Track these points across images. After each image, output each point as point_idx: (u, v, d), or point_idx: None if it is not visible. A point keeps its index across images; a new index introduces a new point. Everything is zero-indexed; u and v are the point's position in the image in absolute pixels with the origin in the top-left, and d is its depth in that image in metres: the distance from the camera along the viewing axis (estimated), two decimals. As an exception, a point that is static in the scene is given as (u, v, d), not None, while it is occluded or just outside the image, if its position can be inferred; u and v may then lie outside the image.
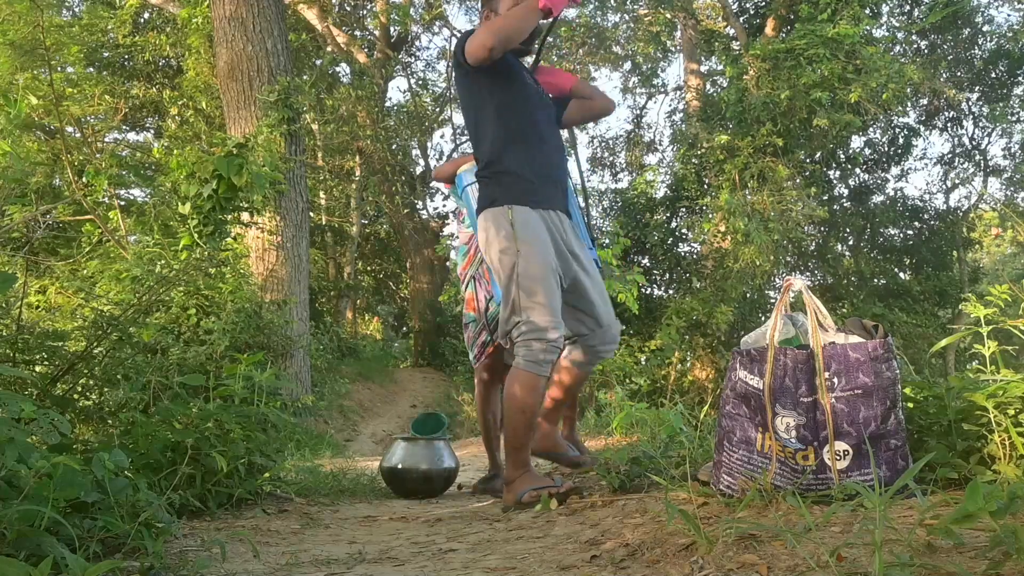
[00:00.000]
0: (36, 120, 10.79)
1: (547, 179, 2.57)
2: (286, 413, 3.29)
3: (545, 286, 2.41)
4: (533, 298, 2.40)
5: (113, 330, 2.78)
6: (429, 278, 15.47)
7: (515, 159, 2.52)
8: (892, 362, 1.77)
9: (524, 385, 2.40)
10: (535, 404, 2.42)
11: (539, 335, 2.39)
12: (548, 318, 2.39)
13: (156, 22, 13.82)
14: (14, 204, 5.58)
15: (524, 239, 2.44)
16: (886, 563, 1.13)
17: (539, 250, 2.44)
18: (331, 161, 15.68)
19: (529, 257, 2.42)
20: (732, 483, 1.85)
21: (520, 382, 2.40)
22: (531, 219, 2.47)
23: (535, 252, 2.43)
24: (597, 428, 6.02)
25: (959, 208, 15.76)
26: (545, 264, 2.43)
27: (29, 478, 1.43)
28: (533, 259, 2.42)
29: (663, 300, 12.36)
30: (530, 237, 2.44)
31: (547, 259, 2.45)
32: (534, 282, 2.40)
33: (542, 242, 2.46)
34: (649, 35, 14.66)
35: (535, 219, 2.48)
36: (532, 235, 2.45)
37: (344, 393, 10.94)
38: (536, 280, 2.40)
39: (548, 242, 2.48)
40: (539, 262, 2.42)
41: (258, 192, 6.44)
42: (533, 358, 2.39)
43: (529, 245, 2.43)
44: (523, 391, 2.40)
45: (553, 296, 2.42)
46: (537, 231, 2.47)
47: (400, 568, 1.75)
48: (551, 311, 2.40)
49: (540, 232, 2.47)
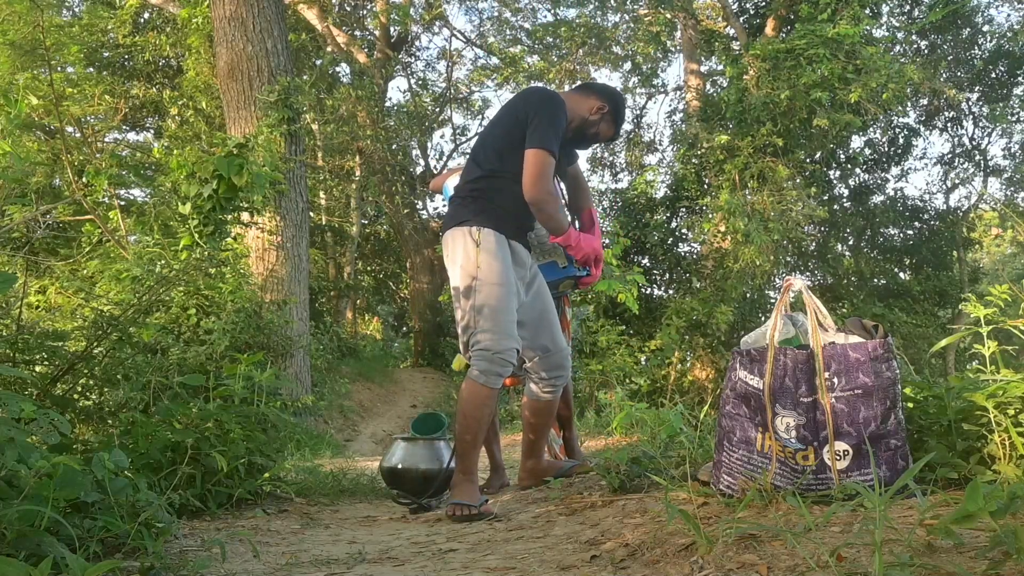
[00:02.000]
0: (36, 120, 10.79)
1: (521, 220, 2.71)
2: (286, 413, 3.29)
3: (501, 303, 2.53)
4: (489, 314, 2.52)
5: (113, 330, 2.78)
6: (429, 278, 15.46)
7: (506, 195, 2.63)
8: (892, 362, 1.77)
9: (474, 396, 2.54)
10: (483, 416, 2.56)
11: (492, 350, 2.51)
12: (500, 335, 2.51)
13: (156, 22, 13.82)
14: (14, 204, 5.57)
15: (489, 256, 2.56)
16: (886, 563, 1.13)
17: (500, 268, 2.56)
18: (331, 161, 15.67)
19: (491, 273, 2.55)
20: (732, 483, 1.85)
21: (470, 392, 2.54)
22: (495, 241, 2.60)
23: (495, 270, 2.56)
24: (597, 428, 6.03)
25: (959, 208, 15.76)
26: (504, 282, 2.55)
27: (29, 478, 1.43)
28: (493, 275, 2.56)
29: (663, 300, 12.34)
30: (493, 255, 2.57)
31: (506, 277, 2.56)
32: (490, 298, 2.53)
33: (502, 262, 2.58)
34: (649, 35, 14.65)
35: (499, 242, 2.60)
36: (494, 254, 2.57)
37: (344, 393, 10.94)
38: (493, 297, 2.53)
39: (509, 263, 2.60)
40: (497, 280, 2.54)
41: (258, 192, 6.43)
42: (485, 370, 2.52)
43: (492, 262, 2.56)
44: (473, 402, 2.54)
45: (507, 313, 2.54)
46: (501, 252, 2.59)
47: (400, 568, 1.75)
48: (504, 328, 2.52)
49: (503, 254, 2.59)
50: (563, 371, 2.78)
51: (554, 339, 2.74)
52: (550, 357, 2.73)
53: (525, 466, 2.97)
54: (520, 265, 2.70)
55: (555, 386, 2.77)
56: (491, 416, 2.69)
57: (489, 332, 2.51)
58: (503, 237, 2.62)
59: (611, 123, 2.82)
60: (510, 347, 2.53)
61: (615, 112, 2.83)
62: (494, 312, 2.52)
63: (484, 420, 2.58)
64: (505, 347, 2.52)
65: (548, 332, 2.73)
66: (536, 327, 2.71)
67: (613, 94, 2.87)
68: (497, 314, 2.52)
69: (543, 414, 2.83)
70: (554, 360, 2.74)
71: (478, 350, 2.53)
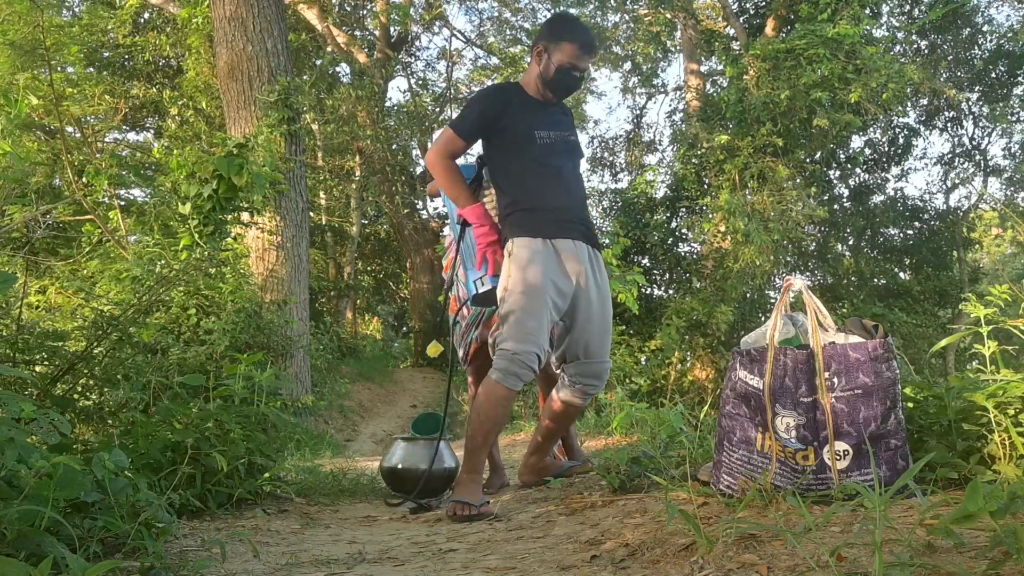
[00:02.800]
0: (36, 120, 10.79)
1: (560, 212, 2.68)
2: (286, 413, 3.29)
3: (526, 311, 2.54)
4: (513, 321, 2.55)
5: (113, 330, 2.78)
6: (429, 278, 15.46)
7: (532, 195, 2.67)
8: (892, 362, 1.77)
9: (491, 395, 2.56)
10: (498, 416, 2.59)
11: (512, 351, 2.54)
12: (521, 339, 2.53)
13: (156, 22, 13.82)
14: (14, 204, 5.57)
15: (517, 266, 2.59)
16: (886, 563, 1.13)
17: (528, 276, 2.57)
18: (331, 161, 15.67)
19: (517, 283, 2.57)
20: (732, 483, 1.85)
21: (487, 392, 2.57)
22: (527, 248, 2.60)
23: (521, 279, 2.57)
24: (597, 428, 6.02)
25: (959, 208, 15.75)
26: (530, 290, 2.56)
27: (29, 478, 1.43)
28: (519, 284, 2.57)
29: (663, 300, 12.34)
30: (522, 264, 2.59)
31: (534, 285, 2.56)
32: (515, 305, 2.55)
33: (533, 269, 2.58)
34: (649, 35, 14.65)
35: (532, 248, 2.60)
36: (524, 263, 2.59)
37: (344, 393, 10.93)
38: (518, 304, 2.55)
39: (540, 269, 2.59)
40: (523, 288, 2.56)
41: (258, 192, 6.43)
42: (504, 369, 2.55)
43: (520, 272, 2.58)
44: (489, 401, 2.56)
45: (532, 319, 2.54)
46: (531, 259, 2.59)
47: (400, 568, 1.75)
48: (525, 333, 2.53)
49: (535, 260, 2.59)
50: (598, 381, 2.74)
51: (593, 345, 2.69)
52: (588, 365, 2.70)
53: (528, 462, 2.98)
54: (569, 262, 2.64)
55: (586, 394, 2.74)
56: (505, 418, 2.67)
57: (511, 337, 2.54)
58: (538, 240, 2.61)
59: (557, 47, 2.66)
60: (530, 351, 2.53)
61: (552, 36, 2.69)
62: (518, 319, 2.54)
63: (498, 421, 2.59)
64: (525, 350, 2.52)
65: (591, 336, 2.68)
66: (582, 329, 2.68)
67: (544, 25, 2.81)
68: (520, 321, 2.54)
69: (563, 419, 2.84)
70: (591, 368, 2.71)
71: (500, 350, 2.57)
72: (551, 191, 2.68)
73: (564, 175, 2.74)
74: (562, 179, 2.72)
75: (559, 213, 2.67)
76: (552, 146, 2.72)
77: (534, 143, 2.68)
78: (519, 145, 2.69)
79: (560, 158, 2.74)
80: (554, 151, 2.72)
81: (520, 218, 2.65)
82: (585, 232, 2.73)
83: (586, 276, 2.67)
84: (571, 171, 2.79)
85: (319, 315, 13.95)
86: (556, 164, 2.72)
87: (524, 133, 2.69)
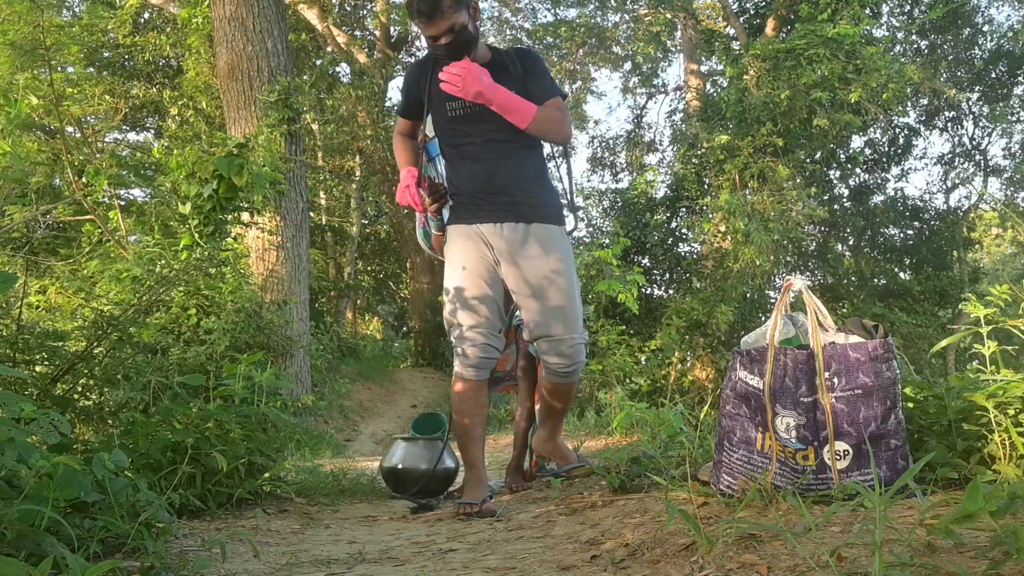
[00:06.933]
0: (36, 120, 10.78)
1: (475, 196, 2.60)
2: (286, 413, 3.29)
3: (460, 301, 2.58)
4: (454, 312, 2.59)
5: (113, 330, 2.78)
6: (429, 278, 15.45)
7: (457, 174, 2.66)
8: (892, 362, 1.77)
9: (453, 387, 2.65)
10: (465, 408, 2.62)
11: (454, 345, 2.61)
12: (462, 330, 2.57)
13: (156, 22, 13.81)
14: (14, 204, 5.57)
15: (447, 258, 2.66)
16: (886, 563, 1.13)
17: (454, 266, 2.61)
18: (331, 161, 15.66)
19: (448, 275, 2.62)
20: (732, 483, 1.85)
21: (453, 385, 2.65)
22: (452, 236, 2.65)
23: (450, 269, 2.62)
24: (597, 428, 6.02)
25: (959, 208, 15.76)
26: (458, 278, 2.59)
27: (29, 478, 1.43)
28: (450, 275, 2.61)
29: (663, 300, 12.33)
30: (450, 255, 2.64)
31: (461, 273, 2.59)
32: (452, 296, 2.60)
33: (456, 257, 2.61)
34: (649, 35, 14.66)
35: (457, 236, 2.64)
36: (450, 252, 2.64)
37: (344, 393, 10.92)
38: (452, 295, 2.60)
39: (464, 256, 2.60)
40: (455, 282, 2.59)
41: (258, 192, 6.43)
42: (458, 363, 2.61)
43: (448, 264, 2.64)
44: (453, 393, 2.65)
45: (465, 308, 2.58)
46: (455, 248, 2.63)
47: (400, 568, 1.75)
48: (460, 323, 2.57)
49: (458, 248, 2.62)
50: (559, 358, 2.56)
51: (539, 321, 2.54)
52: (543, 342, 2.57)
53: (538, 435, 3.01)
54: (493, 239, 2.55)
55: (553, 372, 2.62)
56: (475, 409, 2.59)
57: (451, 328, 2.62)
58: (460, 226, 2.62)
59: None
60: (466, 337, 2.56)
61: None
62: (451, 311, 2.60)
63: (466, 412, 2.60)
64: (461, 336, 2.58)
65: (533, 313, 2.55)
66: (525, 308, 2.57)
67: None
68: (452, 312, 2.59)
69: (552, 395, 2.78)
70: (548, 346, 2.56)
71: (454, 345, 2.64)
72: (470, 174, 2.60)
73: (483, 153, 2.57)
74: (479, 159, 2.58)
75: (475, 197, 2.59)
76: (465, 118, 2.57)
77: (445, 113, 2.59)
78: (437, 123, 2.67)
79: (475, 127, 2.56)
80: (467, 120, 2.56)
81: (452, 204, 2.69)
82: (513, 208, 2.56)
83: (509, 254, 2.54)
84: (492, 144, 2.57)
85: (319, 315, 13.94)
86: (470, 141, 2.58)
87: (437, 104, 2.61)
